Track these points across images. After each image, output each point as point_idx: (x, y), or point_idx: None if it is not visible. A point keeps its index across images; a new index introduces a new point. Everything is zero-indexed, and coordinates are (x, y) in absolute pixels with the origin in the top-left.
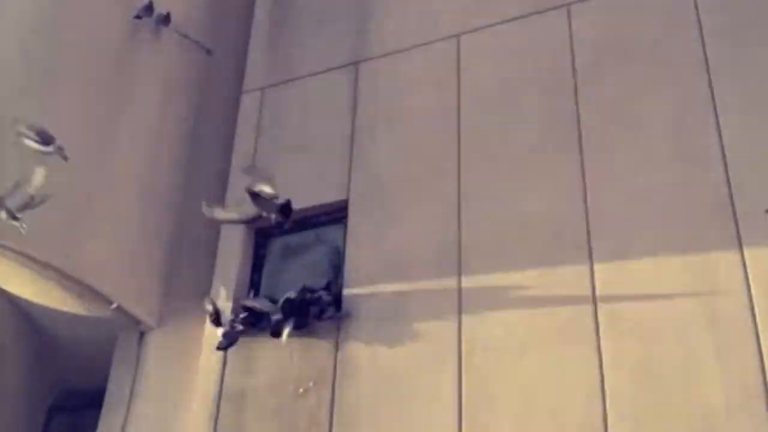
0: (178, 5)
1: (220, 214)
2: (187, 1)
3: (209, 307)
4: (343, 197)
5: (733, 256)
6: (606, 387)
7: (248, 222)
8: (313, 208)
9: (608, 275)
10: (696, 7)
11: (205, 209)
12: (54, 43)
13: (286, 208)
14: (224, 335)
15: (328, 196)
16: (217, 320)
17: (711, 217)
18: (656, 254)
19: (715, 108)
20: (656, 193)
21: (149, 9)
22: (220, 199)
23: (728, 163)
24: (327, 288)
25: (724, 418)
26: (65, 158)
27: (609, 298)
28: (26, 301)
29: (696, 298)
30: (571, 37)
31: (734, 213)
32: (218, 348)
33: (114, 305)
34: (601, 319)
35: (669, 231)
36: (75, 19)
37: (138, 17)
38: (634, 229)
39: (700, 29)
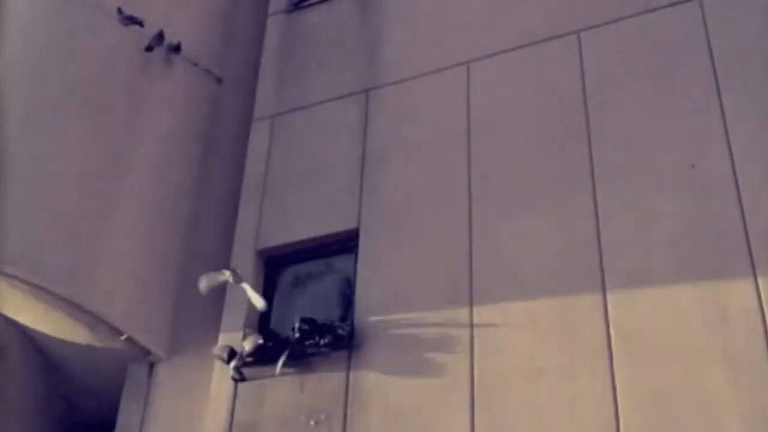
0: (189, 34)
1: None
2: (197, 30)
3: (221, 353)
4: (353, 226)
5: (746, 284)
6: (620, 417)
7: None
8: (324, 237)
9: (621, 304)
10: (707, 33)
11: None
12: (65, 72)
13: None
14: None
15: (338, 224)
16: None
17: (724, 245)
18: (669, 283)
19: (727, 134)
20: (669, 221)
21: (160, 38)
22: (230, 227)
23: (741, 190)
24: (342, 319)
25: None
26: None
27: (622, 328)
28: (36, 331)
29: (709, 327)
30: (581, 63)
31: (747, 240)
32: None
33: (124, 336)
34: (614, 348)
35: (682, 259)
36: (86, 48)
37: (149, 49)
38: (646, 257)
39: (711, 56)
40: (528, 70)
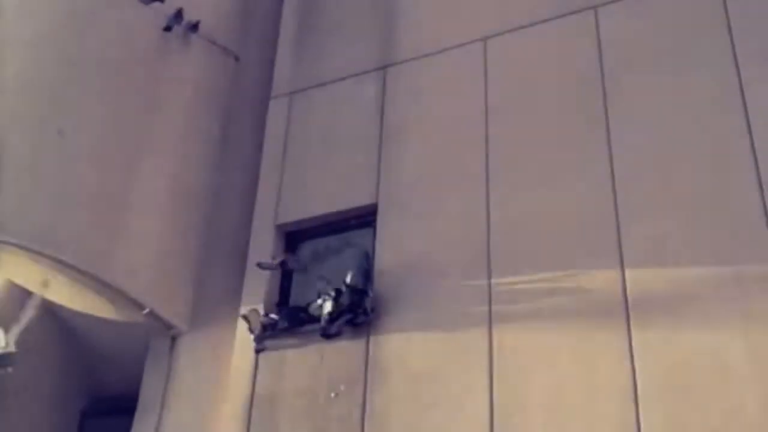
0: (207, 13)
1: None
2: (215, 8)
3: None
4: (372, 201)
5: (765, 255)
6: (639, 392)
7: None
8: (343, 212)
9: (640, 279)
10: (725, 8)
11: None
12: (86, 50)
13: None
14: (257, 339)
15: (357, 200)
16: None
17: (742, 221)
18: (688, 258)
19: (746, 110)
20: (687, 197)
21: (179, 17)
22: (249, 203)
23: (759, 165)
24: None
25: (758, 423)
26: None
27: (641, 303)
28: (60, 306)
29: (728, 303)
30: (598, 38)
31: (766, 213)
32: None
33: (146, 310)
34: (632, 321)
35: (701, 235)
36: (106, 26)
37: (168, 29)
38: (665, 233)
39: (730, 31)
40: (545, 46)
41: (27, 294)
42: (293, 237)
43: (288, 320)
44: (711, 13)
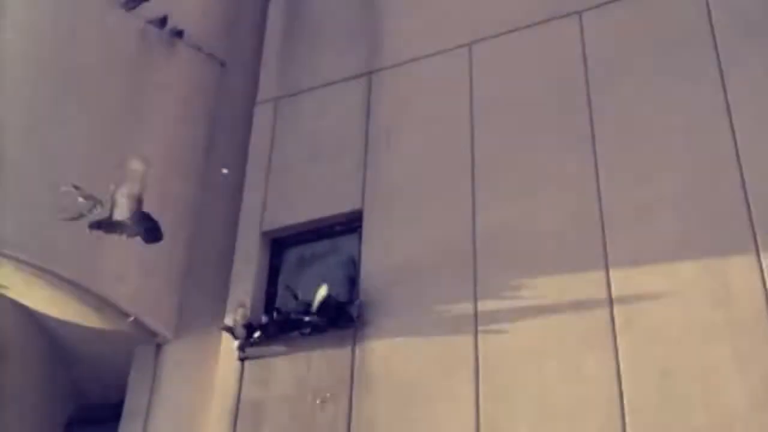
0: (192, 18)
1: None
2: (200, 14)
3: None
4: (357, 207)
5: (749, 259)
6: (624, 391)
7: None
8: (328, 218)
9: (624, 281)
10: (708, 12)
11: None
12: (68, 59)
13: None
14: (240, 347)
15: (342, 206)
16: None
17: (726, 221)
18: (672, 259)
19: (729, 112)
20: (671, 199)
21: (163, 23)
22: (235, 209)
23: (743, 167)
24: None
25: (744, 422)
26: None
27: (625, 305)
28: (44, 315)
29: (713, 303)
30: (583, 43)
31: (750, 216)
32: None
33: (131, 318)
34: (618, 325)
35: (684, 236)
36: (90, 35)
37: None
38: (649, 234)
39: (713, 34)
40: (530, 51)
41: None
42: (279, 243)
43: (273, 328)
44: (694, 18)
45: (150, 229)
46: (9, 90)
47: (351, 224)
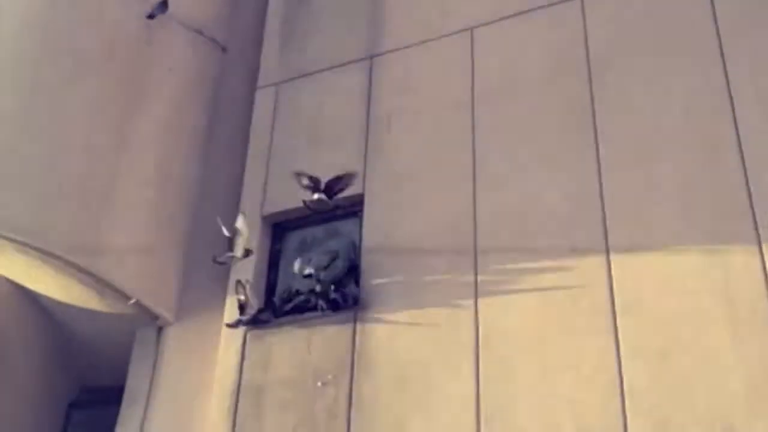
0: (194, 3)
1: None
2: None
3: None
4: (358, 191)
5: (750, 245)
6: (624, 375)
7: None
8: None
9: (625, 265)
10: None
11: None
12: (69, 41)
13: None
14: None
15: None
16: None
17: (727, 206)
18: (672, 243)
19: (730, 96)
20: (672, 183)
21: (164, 6)
22: (236, 193)
23: (744, 152)
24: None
25: (744, 407)
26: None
27: (626, 288)
28: (46, 297)
29: (713, 287)
30: (584, 27)
31: (751, 201)
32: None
33: (132, 301)
34: (618, 308)
35: (685, 220)
36: (90, 18)
37: (151, 16)
38: (650, 218)
39: (715, 18)
40: (532, 36)
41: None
42: (280, 227)
43: (274, 310)
44: (697, 1)
45: None
46: (8, 73)
47: (352, 208)
